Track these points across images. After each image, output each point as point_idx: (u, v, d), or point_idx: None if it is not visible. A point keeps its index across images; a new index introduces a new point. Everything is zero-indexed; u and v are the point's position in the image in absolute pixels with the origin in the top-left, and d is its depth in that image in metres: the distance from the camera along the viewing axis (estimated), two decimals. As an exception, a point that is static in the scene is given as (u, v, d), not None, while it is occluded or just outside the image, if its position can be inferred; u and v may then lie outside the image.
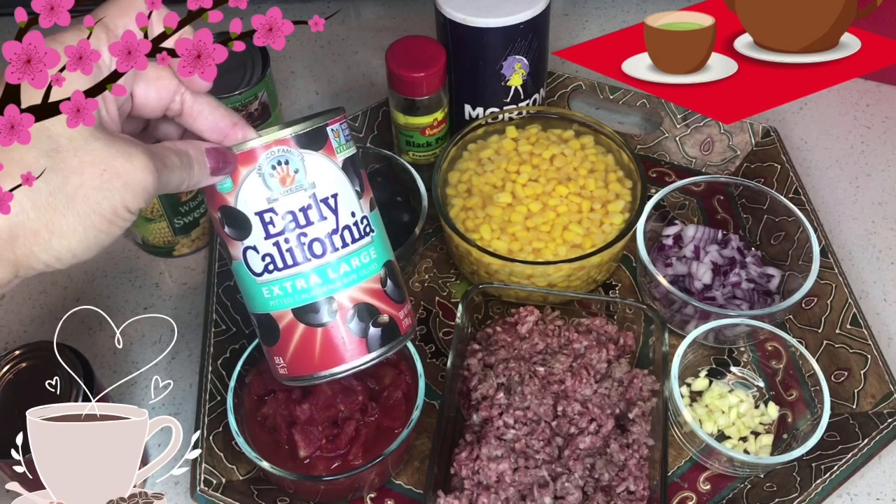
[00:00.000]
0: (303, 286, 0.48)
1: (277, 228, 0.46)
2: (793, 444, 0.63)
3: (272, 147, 0.46)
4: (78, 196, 0.39)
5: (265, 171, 0.46)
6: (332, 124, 0.49)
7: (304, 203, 0.47)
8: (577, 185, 0.71)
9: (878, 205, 0.81)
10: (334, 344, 0.49)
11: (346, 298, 0.49)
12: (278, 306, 0.49)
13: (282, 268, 0.47)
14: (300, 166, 0.46)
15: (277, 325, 0.50)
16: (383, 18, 1.00)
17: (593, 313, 0.68)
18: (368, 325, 0.50)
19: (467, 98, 0.77)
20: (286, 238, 0.47)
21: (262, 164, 0.46)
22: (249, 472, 0.63)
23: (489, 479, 0.58)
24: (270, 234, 0.47)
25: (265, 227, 0.47)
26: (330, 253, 0.48)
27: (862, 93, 0.90)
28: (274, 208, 0.46)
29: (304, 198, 0.46)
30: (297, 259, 0.47)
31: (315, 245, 0.47)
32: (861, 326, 0.68)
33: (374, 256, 0.50)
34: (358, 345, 0.50)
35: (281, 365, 0.52)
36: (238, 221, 0.47)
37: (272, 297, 0.49)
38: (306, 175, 0.46)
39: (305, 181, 0.46)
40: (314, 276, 0.48)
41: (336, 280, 0.48)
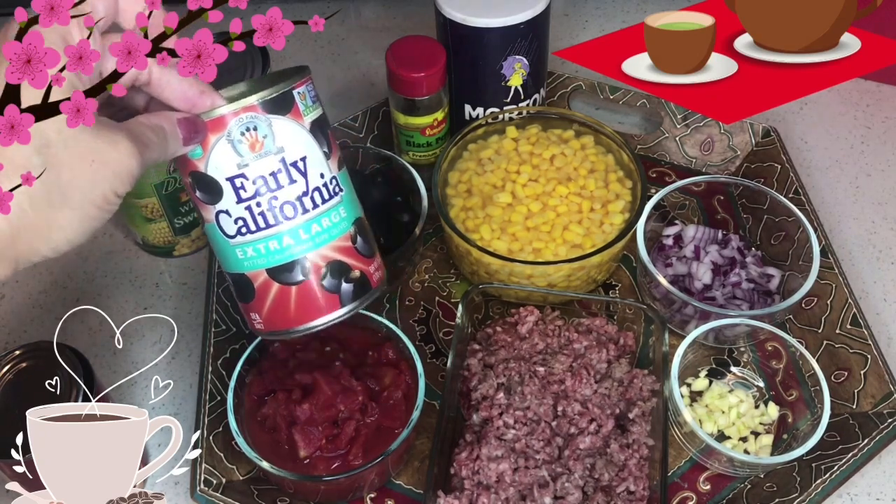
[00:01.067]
0: (276, 247, 0.49)
1: (249, 193, 0.48)
2: (793, 444, 0.63)
3: (241, 114, 0.47)
4: (71, 189, 0.40)
5: (234, 138, 0.47)
6: (298, 87, 0.49)
7: (274, 167, 0.48)
8: (577, 185, 0.71)
9: (878, 205, 0.81)
10: (309, 300, 0.51)
11: (319, 257, 0.50)
12: (252, 266, 0.50)
13: (255, 230, 0.49)
14: (268, 132, 0.47)
15: (252, 284, 0.51)
16: (383, 18, 1.00)
17: (593, 313, 0.68)
18: (341, 281, 0.51)
19: (467, 98, 0.77)
20: (258, 202, 0.48)
21: (232, 130, 0.47)
22: (249, 472, 0.63)
23: (489, 479, 0.58)
24: (242, 199, 0.48)
25: (237, 192, 0.48)
26: (301, 215, 0.49)
27: (862, 93, 0.90)
28: (244, 174, 0.47)
29: (273, 162, 0.48)
30: (269, 222, 0.48)
31: (286, 208, 0.48)
32: (861, 326, 0.68)
33: (344, 215, 0.52)
34: (331, 300, 0.51)
35: (257, 321, 0.53)
36: (209, 186, 0.48)
37: (246, 258, 0.50)
38: (275, 140, 0.47)
39: (274, 146, 0.47)
40: (287, 238, 0.49)
41: (308, 240, 0.49)
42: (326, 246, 0.50)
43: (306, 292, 0.50)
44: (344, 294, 0.52)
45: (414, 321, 0.72)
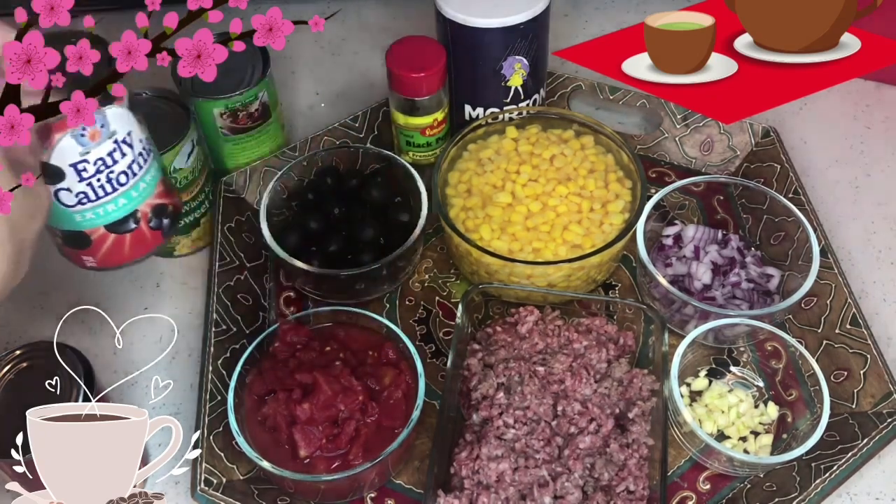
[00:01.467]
0: (112, 209, 0.55)
1: (90, 173, 0.53)
2: (792, 443, 0.63)
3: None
4: None
5: (77, 132, 0.51)
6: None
7: (111, 148, 0.53)
8: (576, 185, 0.71)
9: (877, 205, 0.81)
10: (140, 241, 0.59)
11: (146, 206, 0.57)
12: (91, 225, 0.56)
13: (94, 199, 0.54)
14: (105, 121, 0.52)
15: (89, 237, 0.57)
16: (383, 18, 1.00)
17: (593, 313, 0.68)
18: (161, 219, 0.59)
19: (467, 98, 0.77)
20: (97, 178, 0.53)
21: (76, 127, 0.48)
22: (250, 472, 0.63)
23: (489, 479, 0.58)
24: (83, 179, 0.53)
25: (79, 174, 0.52)
26: (132, 179, 0.55)
27: (862, 93, 0.90)
28: (86, 159, 0.52)
29: (109, 144, 0.53)
30: (107, 191, 0.54)
31: (121, 177, 0.54)
32: (861, 326, 0.68)
33: (158, 166, 0.58)
34: (156, 235, 0.60)
35: (90, 261, 0.58)
36: (52, 172, 0.52)
37: (84, 220, 0.55)
38: (109, 126, 0.52)
39: (109, 131, 0.52)
40: (122, 200, 0.55)
41: (138, 197, 0.56)
42: (151, 196, 0.58)
43: (138, 235, 0.58)
44: (165, 228, 0.60)
45: (414, 321, 0.73)
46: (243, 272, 0.74)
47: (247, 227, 0.77)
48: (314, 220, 0.72)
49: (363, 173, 0.77)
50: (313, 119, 0.90)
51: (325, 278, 0.69)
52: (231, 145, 0.77)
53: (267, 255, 0.77)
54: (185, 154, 0.70)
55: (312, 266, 0.68)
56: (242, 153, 0.78)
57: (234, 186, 0.78)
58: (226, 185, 0.78)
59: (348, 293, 0.71)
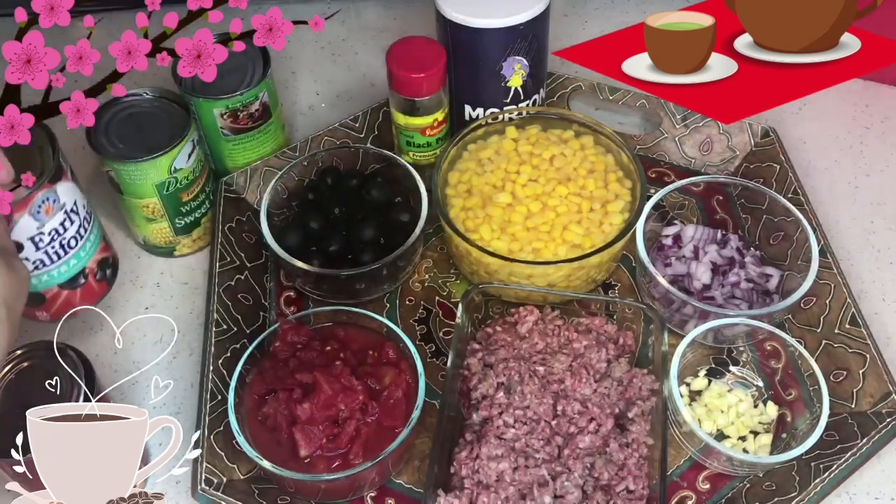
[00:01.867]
0: (65, 270, 0.61)
1: (45, 243, 0.59)
2: (792, 443, 0.63)
3: (39, 193, 0.56)
4: None
5: (33, 210, 0.56)
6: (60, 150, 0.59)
7: (62, 219, 0.59)
8: (576, 185, 0.71)
9: (877, 205, 0.81)
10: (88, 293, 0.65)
11: (92, 262, 0.64)
12: (46, 286, 0.62)
13: (49, 265, 0.60)
14: (56, 196, 0.58)
15: (44, 296, 0.63)
16: (383, 19, 1.00)
17: (593, 313, 0.68)
18: (105, 271, 0.66)
19: (467, 98, 0.77)
20: (51, 246, 0.59)
21: (33, 206, 0.56)
22: (250, 472, 0.63)
23: (489, 479, 0.58)
24: (40, 248, 0.59)
25: (35, 245, 0.58)
26: (80, 241, 0.61)
27: (861, 93, 0.90)
28: (42, 231, 0.58)
29: (60, 216, 0.59)
30: (60, 256, 0.60)
31: (71, 241, 0.60)
32: (860, 326, 0.68)
33: (98, 224, 0.64)
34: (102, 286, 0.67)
35: (43, 316, 0.64)
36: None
37: (40, 283, 0.61)
38: (60, 200, 0.58)
39: (59, 204, 0.58)
40: (73, 261, 0.62)
41: (85, 256, 0.62)
42: (96, 252, 0.64)
43: (87, 289, 0.64)
44: (108, 278, 0.67)
45: (414, 321, 0.73)
46: (243, 272, 0.74)
47: (247, 227, 0.77)
48: (314, 220, 0.72)
49: (363, 173, 0.77)
50: (313, 119, 0.90)
51: (325, 278, 0.69)
52: (231, 145, 0.77)
53: (267, 255, 0.77)
54: (185, 154, 0.70)
55: (312, 266, 0.68)
56: (243, 153, 0.78)
57: (234, 186, 0.78)
58: (226, 185, 0.78)
59: (348, 293, 0.72)
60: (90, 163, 0.84)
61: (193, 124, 0.71)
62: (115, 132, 0.70)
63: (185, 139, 0.70)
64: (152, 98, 0.73)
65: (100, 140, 0.69)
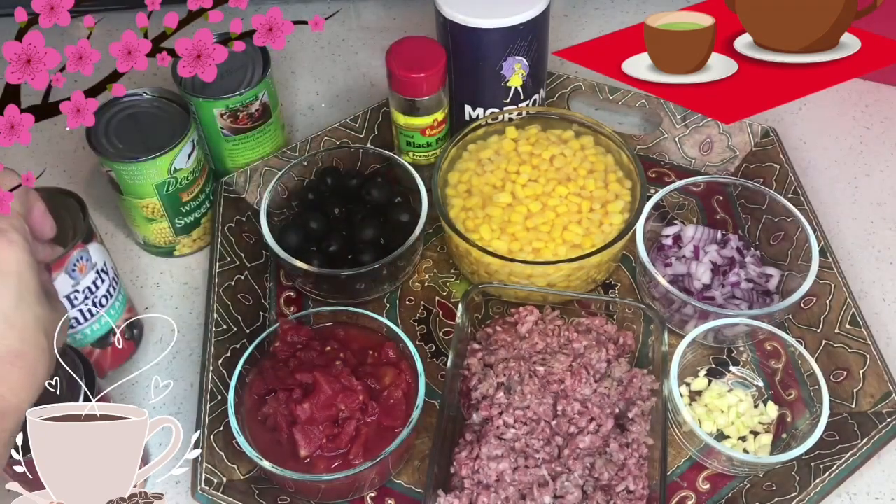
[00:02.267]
0: (97, 328, 0.64)
1: (79, 301, 0.62)
2: (792, 443, 0.63)
3: (74, 252, 0.59)
4: None
5: (69, 269, 0.60)
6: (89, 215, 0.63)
7: (94, 278, 0.62)
8: (576, 185, 0.71)
9: (876, 205, 0.81)
10: (119, 352, 0.69)
11: (121, 321, 0.67)
12: (80, 345, 0.64)
13: (83, 322, 0.63)
14: (89, 255, 0.61)
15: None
16: (383, 19, 1.00)
17: (593, 313, 0.68)
18: (133, 331, 0.69)
19: (467, 98, 0.77)
20: (85, 304, 0.62)
21: (69, 264, 0.59)
22: (250, 472, 0.63)
23: (489, 479, 0.58)
24: (74, 306, 0.62)
25: (71, 303, 0.61)
26: (110, 300, 0.64)
27: (861, 93, 0.90)
28: (77, 289, 0.61)
29: (93, 275, 0.62)
30: (92, 314, 0.63)
31: (102, 300, 0.64)
32: (860, 326, 0.68)
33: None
34: (130, 345, 0.70)
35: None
36: None
37: (75, 342, 0.64)
38: (92, 259, 0.61)
39: (91, 263, 0.62)
40: (104, 319, 0.64)
41: (115, 314, 0.66)
42: (124, 312, 0.67)
43: (117, 349, 0.68)
44: (136, 338, 0.71)
45: (414, 321, 0.73)
46: (243, 272, 0.74)
47: (247, 227, 0.77)
48: (314, 220, 0.72)
49: (363, 173, 0.77)
50: (313, 119, 0.90)
51: (325, 278, 0.69)
52: (231, 145, 0.77)
53: (267, 255, 0.77)
54: (185, 154, 0.70)
55: (313, 266, 0.68)
56: (242, 153, 0.78)
57: (234, 186, 0.78)
58: (226, 185, 0.78)
59: (348, 293, 0.71)
60: (90, 163, 0.84)
61: (193, 124, 0.71)
62: (115, 132, 0.70)
63: (185, 139, 0.70)
64: (152, 98, 0.73)
65: (100, 140, 0.69)
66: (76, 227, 0.61)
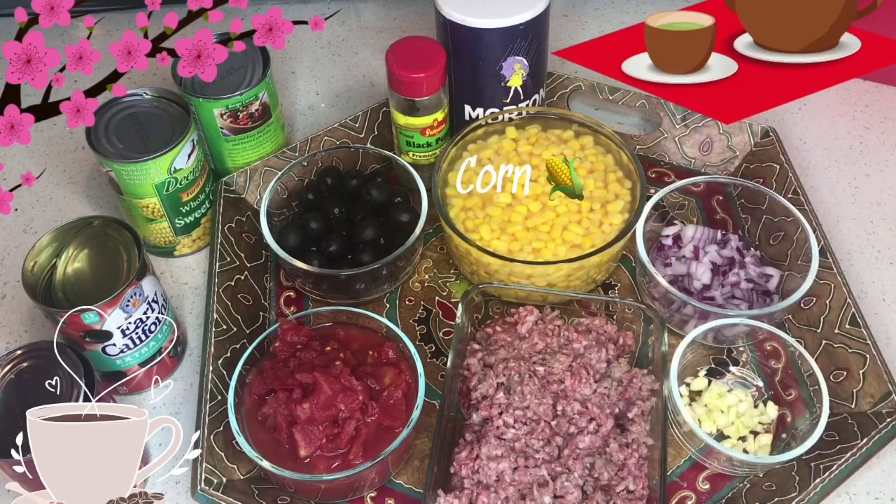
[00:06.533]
0: (145, 351, 0.66)
1: (130, 331, 0.64)
2: (792, 443, 0.63)
3: (129, 289, 0.61)
4: None
5: (123, 305, 0.61)
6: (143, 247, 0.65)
7: (145, 308, 0.64)
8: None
9: (876, 205, 0.81)
10: (163, 368, 0.70)
11: (167, 342, 0.68)
12: (128, 365, 0.66)
13: (132, 348, 0.65)
14: (142, 291, 0.63)
15: (125, 373, 0.67)
16: (383, 19, 1.00)
17: (593, 313, 0.68)
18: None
19: (467, 98, 0.77)
20: (136, 333, 0.64)
21: (123, 301, 0.61)
22: (250, 472, 0.63)
23: (489, 479, 0.58)
24: (125, 335, 0.64)
25: (123, 333, 0.63)
26: (159, 325, 0.66)
27: (861, 93, 0.90)
28: (129, 321, 0.63)
29: (144, 307, 0.64)
30: (142, 339, 0.65)
31: (152, 327, 0.65)
32: (860, 326, 0.68)
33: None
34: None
35: (122, 390, 0.68)
36: (102, 336, 0.62)
37: (124, 363, 0.66)
38: (144, 293, 0.63)
39: (144, 296, 0.63)
40: (152, 343, 0.66)
41: (162, 338, 0.67)
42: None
43: (162, 365, 0.69)
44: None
45: (414, 321, 0.73)
46: (243, 272, 0.74)
47: (247, 227, 0.77)
48: (314, 220, 0.72)
49: (363, 173, 0.77)
50: (313, 119, 0.90)
51: (325, 278, 0.69)
52: (231, 145, 0.77)
53: (267, 255, 0.77)
54: (185, 154, 0.70)
55: (312, 266, 0.68)
56: (242, 153, 0.78)
57: (234, 186, 0.78)
58: (226, 185, 0.78)
59: (348, 293, 0.72)
60: (90, 163, 0.84)
61: (193, 124, 0.71)
62: (115, 132, 0.70)
63: (185, 139, 0.70)
64: (152, 98, 0.73)
65: (100, 140, 0.69)
66: (130, 263, 0.62)
